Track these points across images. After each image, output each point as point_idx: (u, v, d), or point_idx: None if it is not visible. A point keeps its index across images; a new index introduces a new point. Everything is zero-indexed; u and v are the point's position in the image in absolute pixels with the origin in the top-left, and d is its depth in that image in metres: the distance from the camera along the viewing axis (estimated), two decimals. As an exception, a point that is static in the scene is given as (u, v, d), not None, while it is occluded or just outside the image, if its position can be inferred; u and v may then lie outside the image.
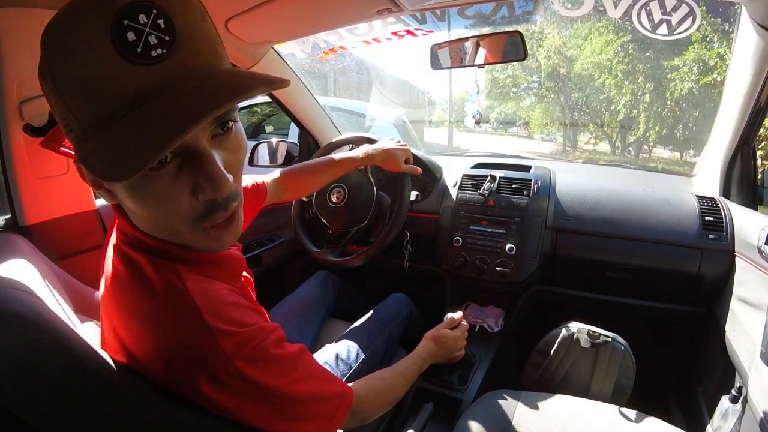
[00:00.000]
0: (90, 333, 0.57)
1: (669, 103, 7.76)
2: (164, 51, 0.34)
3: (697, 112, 7.47)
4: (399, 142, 1.05)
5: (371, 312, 1.07)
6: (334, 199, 1.12)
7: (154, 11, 0.33)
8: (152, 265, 0.43)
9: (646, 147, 9.07)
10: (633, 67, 8.07)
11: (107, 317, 0.46)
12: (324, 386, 0.50)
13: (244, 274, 0.57)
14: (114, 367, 0.41)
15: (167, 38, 0.34)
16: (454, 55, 1.18)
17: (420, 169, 1.06)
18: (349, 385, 0.57)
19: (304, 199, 1.20)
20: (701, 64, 7.01)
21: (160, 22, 0.33)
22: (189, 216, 0.40)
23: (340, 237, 1.17)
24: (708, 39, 6.84)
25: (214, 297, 0.43)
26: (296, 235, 1.22)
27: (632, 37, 7.82)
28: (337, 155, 1.00)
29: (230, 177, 0.39)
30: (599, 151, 9.65)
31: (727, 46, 6.59)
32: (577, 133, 10.08)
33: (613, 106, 8.68)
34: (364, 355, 0.91)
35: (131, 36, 0.32)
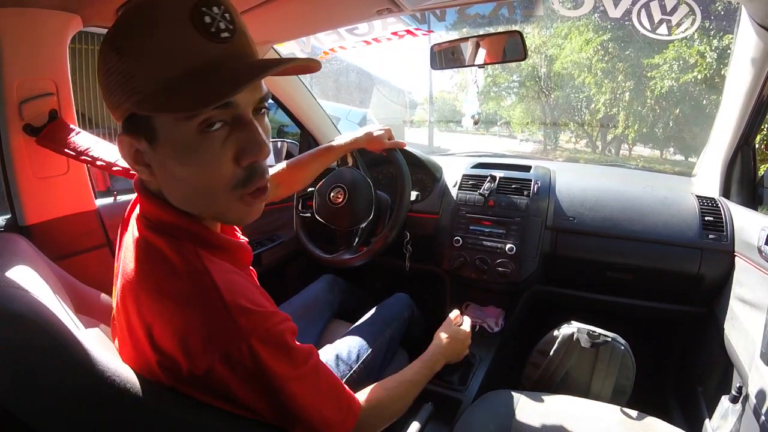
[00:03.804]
0: (90, 333, 0.57)
1: (649, 101, 7.69)
2: (229, 36, 0.43)
3: (678, 111, 7.40)
4: (381, 127, 1.09)
5: (373, 312, 1.06)
6: (334, 199, 1.12)
7: (222, 7, 0.42)
8: (172, 248, 0.46)
9: (626, 145, 9.06)
10: (613, 65, 8.01)
11: (125, 305, 0.47)
12: (332, 391, 0.51)
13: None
14: (115, 367, 0.41)
15: (231, 26, 0.43)
16: (455, 55, 1.18)
17: (405, 143, 1.09)
18: (360, 395, 0.57)
19: (306, 214, 1.21)
20: (681, 62, 6.95)
21: (227, 15, 0.43)
22: (230, 182, 0.45)
23: (350, 235, 1.17)
24: (689, 37, 6.81)
25: (232, 278, 0.46)
26: (306, 248, 1.22)
27: (612, 36, 7.75)
28: (324, 145, 1.03)
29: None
30: (580, 150, 9.59)
31: (707, 44, 6.55)
32: (558, 132, 10.03)
33: (593, 105, 8.60)
34: (364, 356, 0.91)
35: (207, 19, 0.42)
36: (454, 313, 0.91)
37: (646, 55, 7.52)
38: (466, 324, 0.90)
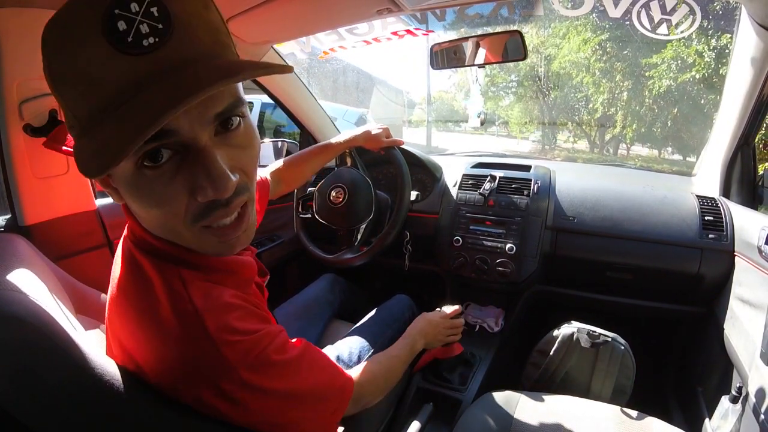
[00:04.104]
0: (90, 334, 0.57)
1: (647, 101, 7.69)
2: (157, 40, 0.32)
3: (676, 110, 7.40)
4: (379, 126, 1.10)
5: (374, 313, 1.06)
6: (334, 200, 1.12)
7: (138, 5, 0.32)
8: (156, 270, 0.42)
9: (624, 145, 9.07)
10: (611, 65, 8.01)
11: (111, 321, 0.46)
12: (325, 382, 0.50)
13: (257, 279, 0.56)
14: (113, 369, 0.41)
15: (160, 26, 0.32)
16: (455, 55, 1.18)
17: (403, 141, 1.09)
18: (349, 372, 0.57)
19: (307, 215, 1.21)
20: (679, 61, 6.95)
21: (153, 10, 0.32)
22: (187, 216, 0.38)
23: (351, 235, 1.17)
24: (687, 36, 6.81)
25: (218, 305, 0.42)
26: (307, 249, 1.22)
27: (610, 35, 7.76)
28: (322, 143, 1.05)
29: (234, 176, 0.37)
30: (578, 150, 9.61)
31: (705, 43, 6.56)
32: (556, 131, 10.05)
33: (591, 105, 8.62)
34: (365, 357, 0.91)
35: (122, 25, 0.31)
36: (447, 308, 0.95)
37: (644, 55, 7.52)
38: (446, 312, 0.94)
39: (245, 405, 0.42)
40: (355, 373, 0.61)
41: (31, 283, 0.46)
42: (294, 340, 0.49)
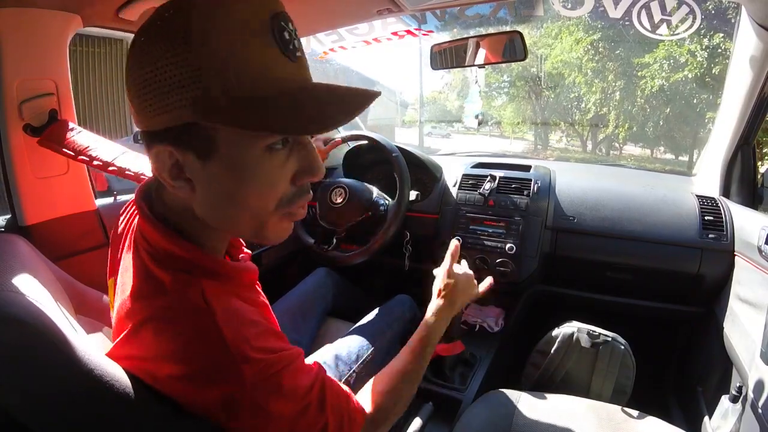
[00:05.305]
0: (89, 335, 0.57)
1: (639, 100, 7.70)
2: (301, 56, 0.42)
3: (668, 109, 7.40)
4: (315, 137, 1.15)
5: (374, 312, 1.06)
6: (335, 200, 1.13)
7: (290, 24, 0.41)
8: (177, 283, 0.43)
9: (616, 144, 9.05)
10: (603, 65, 8.02)
11: (121, 328, 0.45)
12: (333, 411, 0.48)
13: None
14: (113, 370, 0.40)
15: (300, 45, 0.42)
16: (455, 55, 1.18)
17: (340, 140, 1.14)
18: (362, 401, 0.55)
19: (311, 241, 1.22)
20: (672, 61, 6.96)
21: (294, 32, 0.41)
22: (281, 199, 0.44)
23: (363, 231, 1.17)
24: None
25: (239, 320, 0.43)
26: (318, 251, 1.22)
27: (602, 35, 7.76)
28: None
29: None
30: (570, 149, 9.61)
31: (698, 42, 6.56)
32: (549, 131, 10.04)
33: (583, 105, 8.62)
34: (365, 356, 0.91)
35: (286, 35, 0.40)
36: (446, 263, 0.80)
37: (637, 55, 7.52)
38: (464, 267, 0.84)
39: (251, 420, 0.42)
40: (367, 405, 0.56)
41: (31, 284, 0.46)
42: (311, 363, 0.49)
